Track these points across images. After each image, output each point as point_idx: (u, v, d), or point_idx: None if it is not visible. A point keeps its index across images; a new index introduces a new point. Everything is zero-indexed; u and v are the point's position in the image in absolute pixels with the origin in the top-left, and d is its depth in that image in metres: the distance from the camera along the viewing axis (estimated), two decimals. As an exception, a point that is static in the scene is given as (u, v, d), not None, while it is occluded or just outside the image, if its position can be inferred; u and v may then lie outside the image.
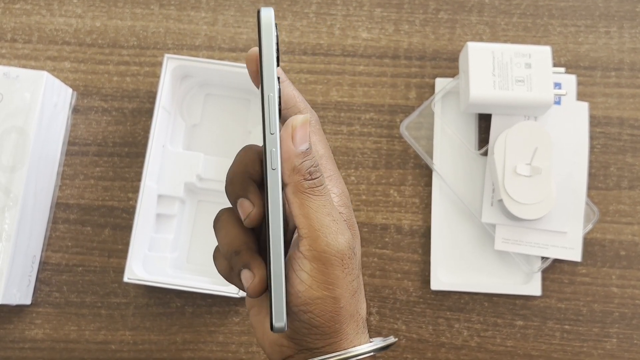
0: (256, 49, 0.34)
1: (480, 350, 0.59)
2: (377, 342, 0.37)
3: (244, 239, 0.36)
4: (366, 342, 0.36)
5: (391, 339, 0.38)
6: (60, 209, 0.61)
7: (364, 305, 0.37)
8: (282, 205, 0.34)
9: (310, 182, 0.34)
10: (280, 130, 0.33)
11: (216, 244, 0.38)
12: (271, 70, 0.30)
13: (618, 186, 0.61)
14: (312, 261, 0.34)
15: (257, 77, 0.34)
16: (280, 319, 0.33)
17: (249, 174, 0.36)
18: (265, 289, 0.35)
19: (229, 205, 0.37)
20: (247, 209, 0.35)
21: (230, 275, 0.37)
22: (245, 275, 0.35)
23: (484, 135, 0.61)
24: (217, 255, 0.38)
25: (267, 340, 0.38)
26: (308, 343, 0.35)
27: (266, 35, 0.30)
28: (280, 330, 0.33)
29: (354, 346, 0.36)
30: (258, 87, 0.34)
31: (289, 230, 0.39)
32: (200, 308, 0.60)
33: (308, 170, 0.34)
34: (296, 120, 0.34)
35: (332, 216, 0.34)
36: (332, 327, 0.35)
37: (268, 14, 0.30)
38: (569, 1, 0.64)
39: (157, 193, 0.60)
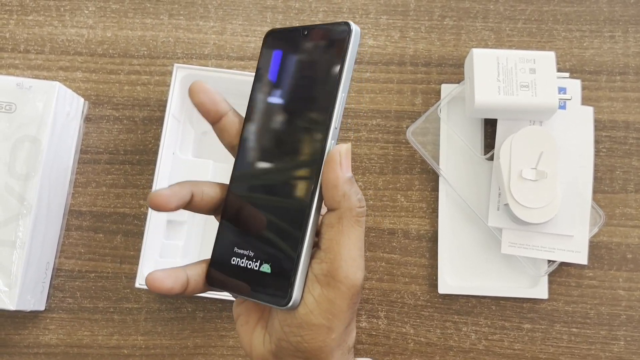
0: (197, 82, 0.39)
1: (488, 354, 0.59)
2: None
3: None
4: None
5: None
6: (73, 216, 0.62)
7: (354, 335, 0.37)
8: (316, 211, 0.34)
9: (360, 210, 0.34)
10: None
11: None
12: (350, 75, 0.35)
13: (624, 189, 0.61)
14: (324, 287, 0.33)
15: (202, 109, 0.39)
16: (297, 296, 0.33)
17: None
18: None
19: None
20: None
21: None
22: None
23: (489, 140, 0.62)
24: None
25: (255, 352, 0.37)
26: None
27: (354, 45, 0.35)
28: (293, 307, 0.34)
29: None
30: (209, 123, 0.39)
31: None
32: (211, 313, 0.60)
33: (358, 198, 0.34)
34: (342, 148, 0.34)
35: (361, 251, 0.34)
36: (317, 356, 0.34)
37: (358, 29, 0.35)
38: (573, 6, 0.65)
39: (167, 200, 0.60)
